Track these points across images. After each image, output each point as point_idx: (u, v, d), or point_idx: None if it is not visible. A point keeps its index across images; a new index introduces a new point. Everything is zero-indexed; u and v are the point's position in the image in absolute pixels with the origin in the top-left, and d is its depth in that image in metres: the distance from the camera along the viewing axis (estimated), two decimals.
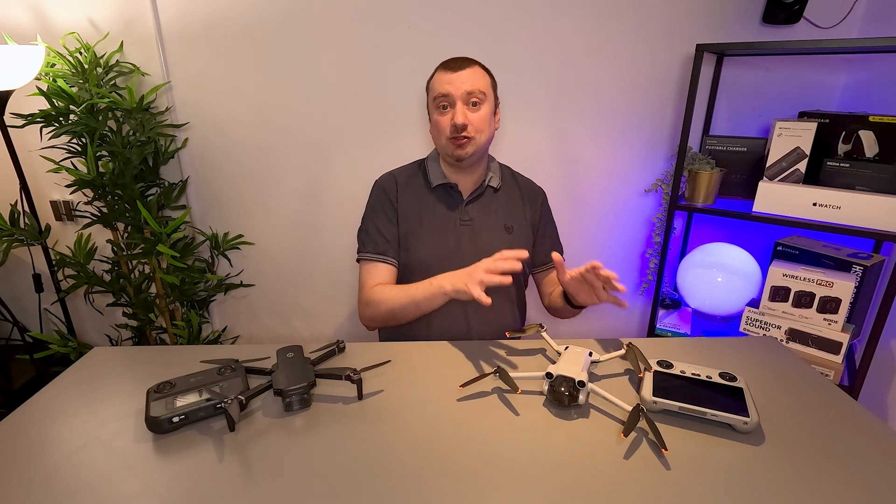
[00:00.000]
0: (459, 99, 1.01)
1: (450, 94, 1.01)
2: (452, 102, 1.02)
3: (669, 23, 1.49)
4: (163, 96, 1.57)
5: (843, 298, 1.26)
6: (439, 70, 1.05)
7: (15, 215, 1.46)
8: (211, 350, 0.94)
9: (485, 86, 1.04)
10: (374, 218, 1.12)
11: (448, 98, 1.02)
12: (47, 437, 0.70)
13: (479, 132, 1.04)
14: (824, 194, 1.27)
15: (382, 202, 1.12)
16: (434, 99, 1.05)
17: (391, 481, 0.63)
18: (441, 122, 1.04)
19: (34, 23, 1.49)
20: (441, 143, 1.07)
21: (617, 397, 0.75)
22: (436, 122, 1.06)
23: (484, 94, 1.04)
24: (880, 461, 0.67)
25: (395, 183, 1.13)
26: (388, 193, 1.12)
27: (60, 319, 1.65)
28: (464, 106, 1.02)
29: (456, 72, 1.02)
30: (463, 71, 1.02)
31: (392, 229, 1.11)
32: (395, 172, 1.17)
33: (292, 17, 1.49)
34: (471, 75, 1.02)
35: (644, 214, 1.71)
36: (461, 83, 1.01)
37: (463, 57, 1.05)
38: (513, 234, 1.14)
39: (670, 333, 1.53)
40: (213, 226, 1.72)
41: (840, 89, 1.53)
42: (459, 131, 1.02)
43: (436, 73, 1.06)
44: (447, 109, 1.03)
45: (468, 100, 1.02)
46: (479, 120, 1.04)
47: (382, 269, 1.10)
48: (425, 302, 1.01)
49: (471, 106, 1.03)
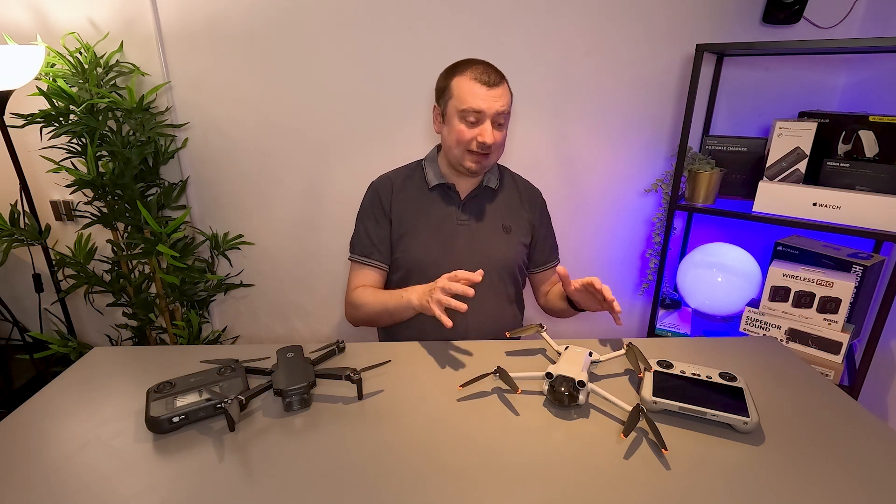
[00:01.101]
0: (489, 118, 1.00)
1: (483, 111, 0.99)
2: (482, 120, 1.00)
3: (669, 23, 1.49)
4: (163, 96, 1.57)
5: (843, 298, 1.26)
6: (470, 79, 1.00)
7: (15, 215, 1.46)
8: (211, 350, 0.94)
9: (510, 105, 1.04)
10: (364, 220, 1.13)
11: (480, 115, 1.00)
12: (47, 437, 0.70)
13: (498, 149, 1.05)
14: (824, 194, 1.27)
15: (374, 205, 1.12)
16: (462, 109, 1.00)
17: (391, 481, 0.63)
18: (466, 133, 1.01)
19: (34, 23, 1.49)
20: (456, 153, 1.05)
21: (617, 397, 0.75)
22: (458, 132, 1.02)
23: (509, 114, 1.04)
24: (880, 461, 0.67)
25: (390, 185, 1.13)
26: (381, 196, 1.12)
27: (60, 319, 1.65)
28: (491, 125, 1.01)
29: (491, 88, 0.99)
30: (497, 88, 1.00)
31: (381, 233, 1.11)
32: (391, 174, 1.16)
33: (292, 18, 1.49)
34: (503, 94, 1.01)
35: (644, 214, 1.71)
36: (494, 102, 0.99)
37: (496, 70, 1.02)
38: (510, 234, 1.13)
39: (670, 333, 1.53)
40: (213, 226, 1.72)
41: (840, 89, 1.53)
42: (483, 150, 1.02)
43: (465, 81, 1.00)
44: (475, 125, 1.01)
45: (496, 120, 1.01)
46: (501, 140, 1.05)
47: (367, 271, 1.11)
48: (397, 313, 1.03)
49: (496, 126, 1.02)
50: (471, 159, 1.04)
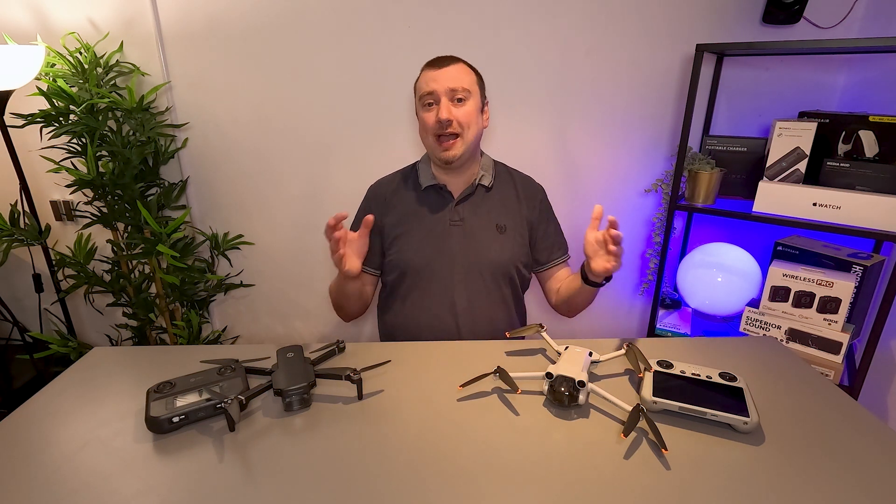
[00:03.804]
0: (444, 95, 1.01)
1: (434, 90, 1.01)
2: (437, 99, 1.02)
3: (669, 23, 1.49)
4: (163, 96, 1.57)
5: (843, 298, 1.26)
6: (424, 69, 1.06)
7: (15, 215, 1.46)
8: (211, 350, 0.94)
9: (469, 83, 1.04)
10: (357, 224, 1.14)
11: (433, 95, 1.02)
12: (47, 437, 0.70)
13: (465, 128, 1.04)
14: (824, 194, 1.27)
15: (367, 211, 1.15)
16: (420, 98, 1.05)
17: (391, 481, 0.63)
18: (426, 118, 1.04)
19: (34, 23, 1.49)
20: (429, 144, 1.07)
21: (617, 397, 0.75)
22: (422, 120, 1.06)
23: (468, 90, 1.03)
24: (880, 461, 0.67)
25: (383, 191, 1.15)
26: (375, 203, 1.15)
27: (60, 319, 1.65)
28: (448, 102, 1.02)
29: (440, 69, 1.02)
30: (447, 68, 1.02)
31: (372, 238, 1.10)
32: (385, 180, 1.18)
33: (292, 18, 1.49)
34: (455, 72, 1.03)
35: (644, 214, 1.71)
36: (445, 80, 1.01)
37: (447, 55, 1.06)
38: (505, 233, 1.12)
39: (670, 333, 1.53)
40: (213, 226, 1.72)
41: (840, 89, 1.52)
42: (444, 127, 1.02)
43: (421, 73, 1.06)
44: (432, 107, 1.03)
45: (453, 96, 1.02)
46: (465, 115, 1.03)
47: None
48: (338, 285, 1.08)
49: (455, 102, 1.03)
50: (440, 146, 1.05)
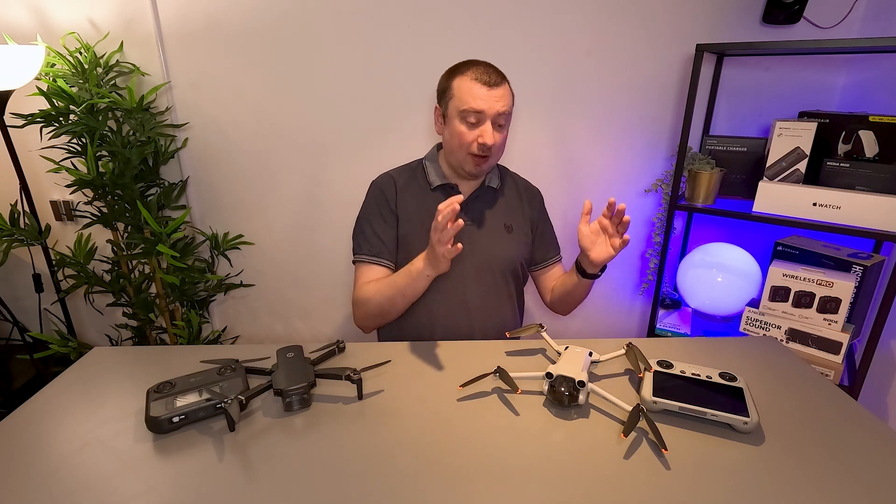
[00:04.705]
0: (490, 118, 1.00)
1: (483, 111, 0.98)
2: (483, 120, 1.00)
3: (669, 23, 1.49)
4: (163, 96, 1.57)
5: (843, 298, 1.26)
6: (471, 79, 0.99)
7: (15, 215, 1.46)
8: (211, 350, 0.94)
9: (510, 106, 1.03)
10: (371, 219, 1.11)
11: (480, 115, 0.99)
12: (47, 437, 0.70)
13: (497, 152, 1.05)
14: (824, 194, 1.27)
15: (380, 204, 1.11)
16: (462, 110, 1.00)
17: (391, 481, 0.63)
18: (466, 136, 1.01)
19: (34, 23, 1.49)
20: (458, 156, 1.05)
21: (617, 397, 0.75)
22: (459, 134, 1.02)
23: (510, 115, 1.03)
24: (880, 461, 0.67)
25: (393, 184, 1.12)
26: (387, 195, 1.11)
27: (60, 319, 1.65)
28: (492, 126, 1.00)
29: (492, 89, 0.98)
30: (498, 89, 0.99)
31: (389, 231, 1.10)
32: (392, 173, 1.15)
33: (292, 18, 1.49)
34: (503, 94, 1.00)
35: (644, 214, 1.71)
36: (495, 102, 0.99)
37: (497, 70, 1.02)
38: (512, 233, 1.14)
39: (670, 333, 1.53)
40: (212, 226, 1.72)
41: (840, 89, 1.53)
42: (484, 152, 1.02)
43: (466, 81, 0.99)
44: (475, 126, 1.01)
45: (497, 121, 1.01)
46: (502, 141, 1.04)
47: (377, 270, 1.09)
48: (408, 288, 1.00)
49: (496, 127, 1.01)
50: (472, 162, 1.04)
